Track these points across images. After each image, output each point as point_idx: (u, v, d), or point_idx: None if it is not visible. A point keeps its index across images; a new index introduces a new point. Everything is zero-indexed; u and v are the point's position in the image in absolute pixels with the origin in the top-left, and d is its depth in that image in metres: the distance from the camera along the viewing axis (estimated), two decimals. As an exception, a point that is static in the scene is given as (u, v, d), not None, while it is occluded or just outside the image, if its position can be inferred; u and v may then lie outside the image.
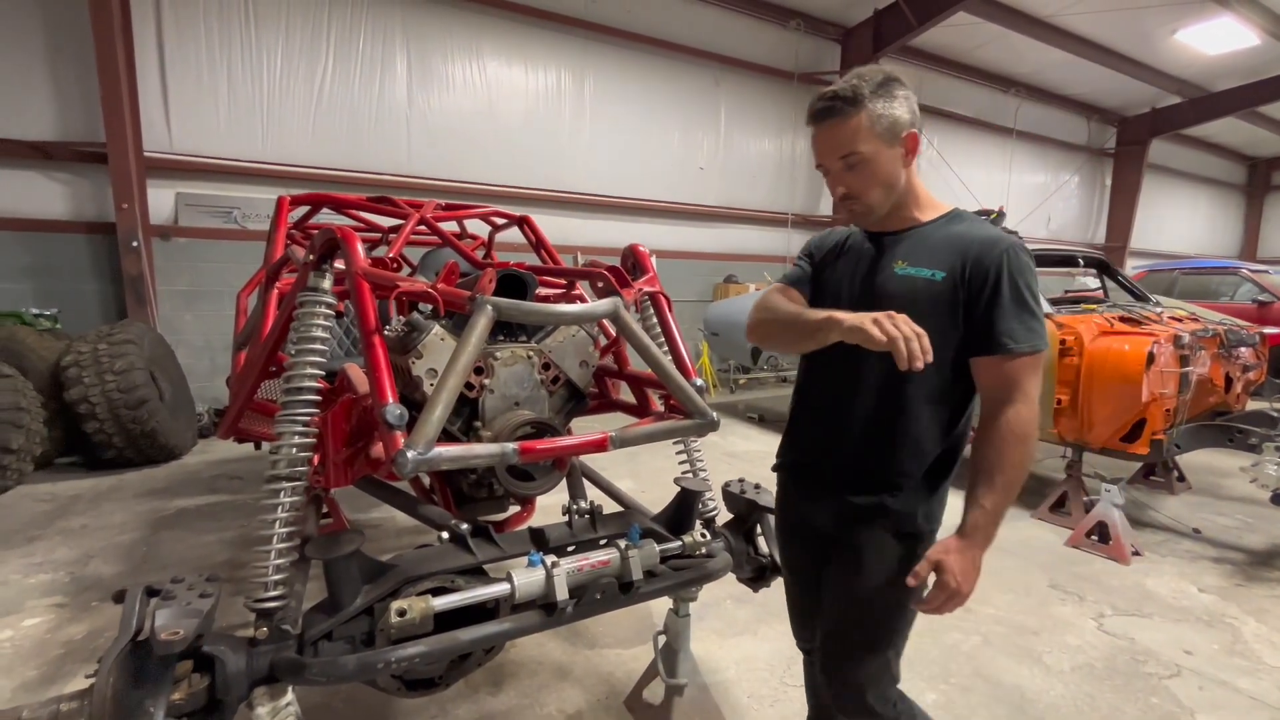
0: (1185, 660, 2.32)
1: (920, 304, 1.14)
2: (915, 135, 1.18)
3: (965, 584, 1.10)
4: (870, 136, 1.14)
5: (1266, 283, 7.31)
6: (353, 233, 1.38)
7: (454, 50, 6.79)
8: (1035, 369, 1.12)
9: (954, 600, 1.11)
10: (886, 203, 1.20)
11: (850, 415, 1.26)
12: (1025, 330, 1.10)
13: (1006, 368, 1.11)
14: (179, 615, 1.04)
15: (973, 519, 1.11)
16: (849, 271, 1.30)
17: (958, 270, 1.14)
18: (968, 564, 1.10)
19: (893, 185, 1.19)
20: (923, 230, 1.22)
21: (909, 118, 1.16)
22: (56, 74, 5.20)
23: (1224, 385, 3.67)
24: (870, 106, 1.13)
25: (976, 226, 1.20)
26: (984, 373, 1.15)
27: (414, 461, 1.10)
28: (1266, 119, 13.11)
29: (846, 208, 1.22)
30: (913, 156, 1.19)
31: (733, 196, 8.88)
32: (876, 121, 1.13)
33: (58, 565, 2.93)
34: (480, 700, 2.02)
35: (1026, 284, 1.12)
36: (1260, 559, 3.22)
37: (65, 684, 2.05)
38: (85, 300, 5.44)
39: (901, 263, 1.20)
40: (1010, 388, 1.11)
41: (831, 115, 1.15)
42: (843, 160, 1.16)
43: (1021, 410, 1.11)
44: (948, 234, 1.19)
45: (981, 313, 1.13)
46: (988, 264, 1.12)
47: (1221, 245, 16.78)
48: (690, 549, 1.58)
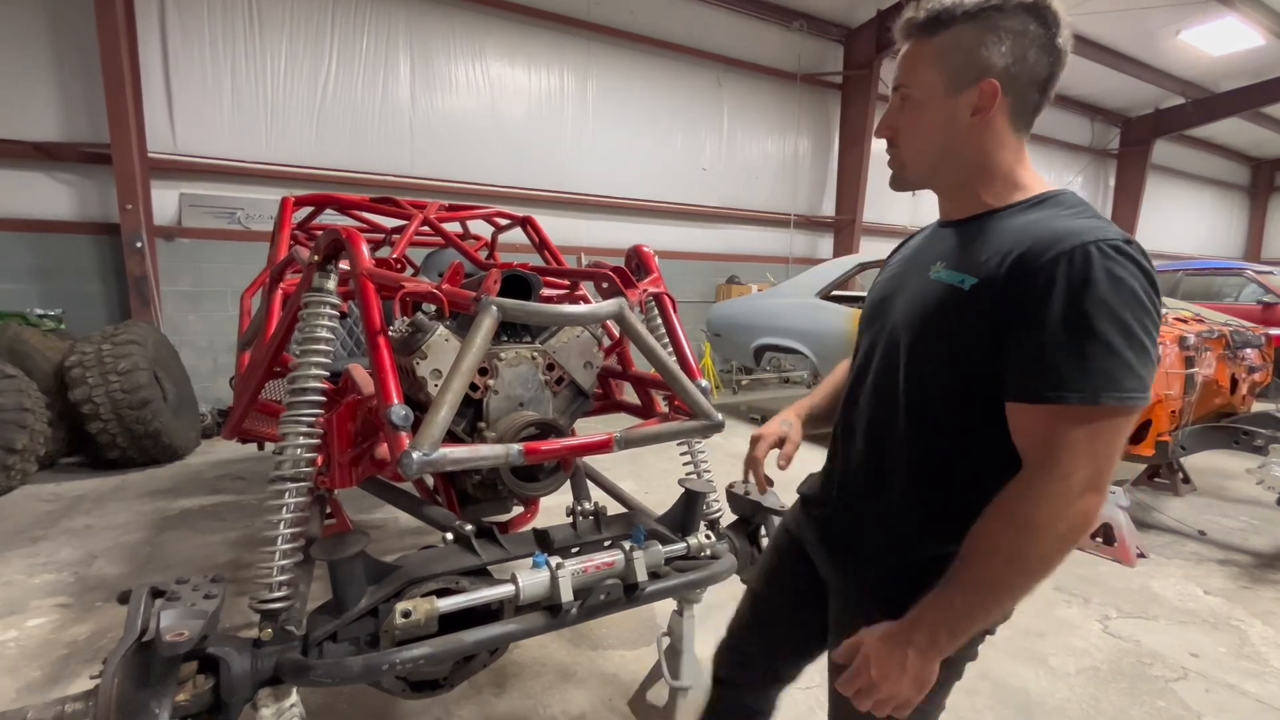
0: (1191, 663, 2.31)
1: (935, 320, 0.88)
2: (995, 84, 0.85)
3: (884, 682, 0.81)
4: (933, 73, 0.87)
5: (1271, 284, 7.28)
6: (358, 233, 1.38)
7: (457, 51, 6.80)
8: (1091, 432, 0.74)
9: (868, 696, 0.83)
10: (921, 164, 0.94)
11: (851, 443, 1.06)
12: (1080, 371, 0.73)
13: (1040, 423, 0.77)
14: (184, 616, 1.04)
15: (921, 606, 0.82)
16: (892, 275, 1.06)
17: (993, 275, 0.81)
18: (891, 658, 0.81)
19: (931, 146, 0.91)
20: (990, 219, 0.90)
21: (996, 61, 0.84)
22: (61, 75, 5.22)
23: (1229, 387, 3.65)
24: (960, 27, 0.85)
25: (1056, 217, 0.82)
26: (1014, 426, 0.81)
27: (419, 462, 1.10)
28: (1271, 120, 13.07)
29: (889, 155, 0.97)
30: (984, 115, 0.86)
31: (735, 197, 8.88)
32: (949, 54, 0.86)
33: (62, 565, 2.93)
34: (484, 701, 2.02)
35: (1102, 299, 0.73)
36: (1266, 561, 3.20)
37: (69, 684, 2.05)
38: (89, 301, 5.45)
39: (939, 264, 0.91)
40: (1037, 449, 0.77)
41: (911, 33, 0.91)
42: (899, 93, 0.93)
43: (1036, 484, 0.75)
44: (1014, 225, 0.85)
45: (1016, 340, 0.78)
46: (1034, 269, 0.77)
47: (1225, 246, 16.73)
48: (695, 550, 1.58)
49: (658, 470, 4.42)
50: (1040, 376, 0.76)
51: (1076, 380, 0.74)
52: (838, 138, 9.47)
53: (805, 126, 9.33)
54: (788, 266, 9.23)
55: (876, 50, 8.61)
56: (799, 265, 9.04)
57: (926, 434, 0.91)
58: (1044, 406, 0.76)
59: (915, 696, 0.82)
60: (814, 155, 9.53)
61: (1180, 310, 4.06)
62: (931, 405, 0.90)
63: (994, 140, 0.89)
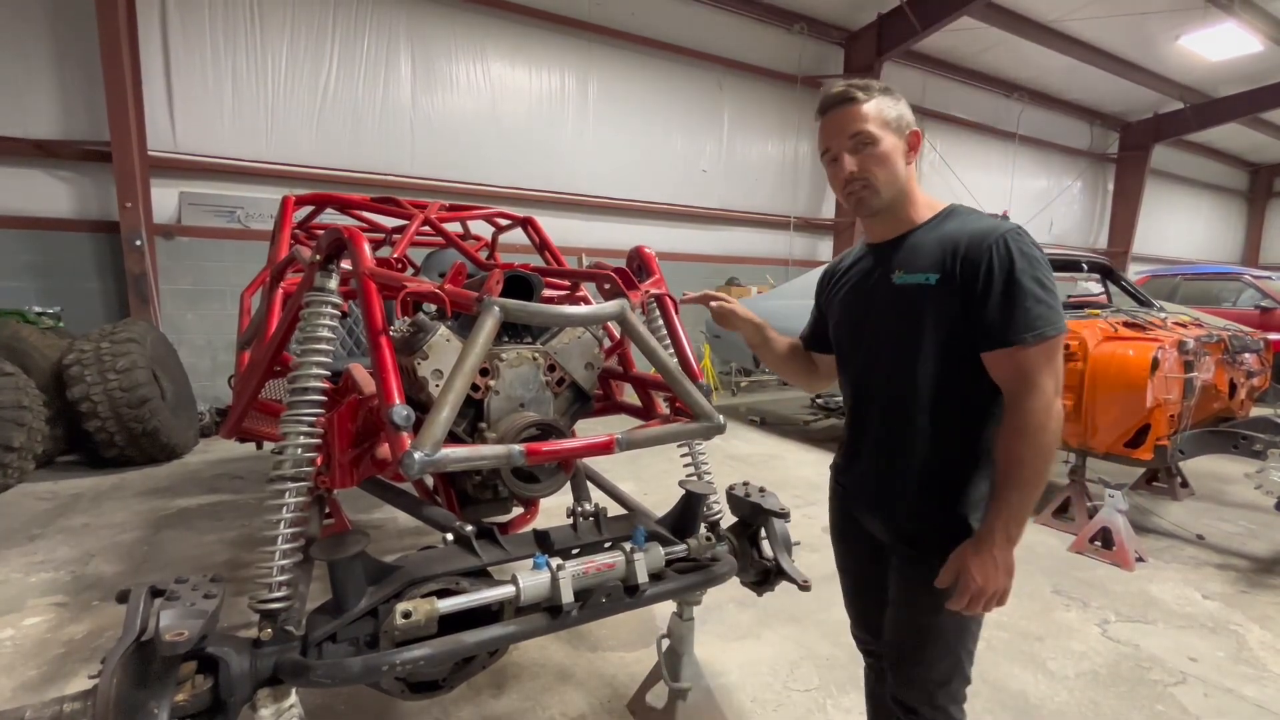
0: (1190, 667, 2.31)
1: (921, 310, 1.16)
2: (918, 133, 1.21)
3: (990, 582, 1.08)
4: (879, 122, 1.18)
5: (1269, 288, 7.30)
6: (359, 233, 1.37)
7: (458, 51, 6.81)
8: (1047, 357, 1.07)
9: (980, 598, 1.09)
10: (890, 189, 1.20)
11: (873, 426, 1.29)
12: (1026, 318, 1.07)
13: (1012, 360, 1.09)
14: (183, 616, 1.04)
15: (987, 520, 1.11)
16: (852, 290, 1.33)
17: (950, 269, 1.13)
18: (987, 562, 1.08)
19: (894, 173, 1.19)
20: (917, 234, 1.22)
21: (911, 118, 1.22)
22: (61, 73, 5.22)
23: (1228, 391, 3.65)
24: (879, 98, 1.19)
25: (970, 221, 1.17)
26: (994, 368, 1.13)
27: (421, 463, 1.09)
28: (1269, 125, 13.12)
29: (851, 191, 1.21)
30: (914, 154, 1.22)
31: (735, 199, 8.89)
32: (885, 110, 1.18)
33: (59, 564, 2.92)
34: (483, 703, 2.01)
35: (1022, 269, 1.08)
36: (1264, 566, 3.21)
37: (66, 684, 2.04)
38: (88, 299, 5.44)
39: (899, 271, 1.20)
40: (1019, 380, 1.09)
41: (844, 102, 1.19)
42: (852, 139, 1.18)
43: (1030, 402, 1.07)
44: (940, 234, 1.18)
45: (978, 308, 1.11)
46: (977, 258, 1.10)
47: (1223, 251, 16.78)
48: (695, 552, 1.57)
49: (658, 471, 4.41)
50: (1004, 328, 1.08)
51: (1026, 324, 1.07)
52: (838, 140, 9.47)
53: (805, 129, 9.34)
54: (787, 268, 9.24)
55: (877, 53, 8.63)
56: (799, 267, 9.05)
57: (941, 388, 1.19)
58: (1011, 349, 1.08)
59: (1010, 583, 1.10)
60: (814, 157, 9.53)
61: (1179, 315, 4.07)
62: (938, 367, 1.18)
63: (912, 174, 1.24)
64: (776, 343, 1.57)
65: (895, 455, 1.24)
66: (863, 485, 1.33)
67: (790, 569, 1.69)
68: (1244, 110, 11.49)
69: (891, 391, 1.23)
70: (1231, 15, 8.23)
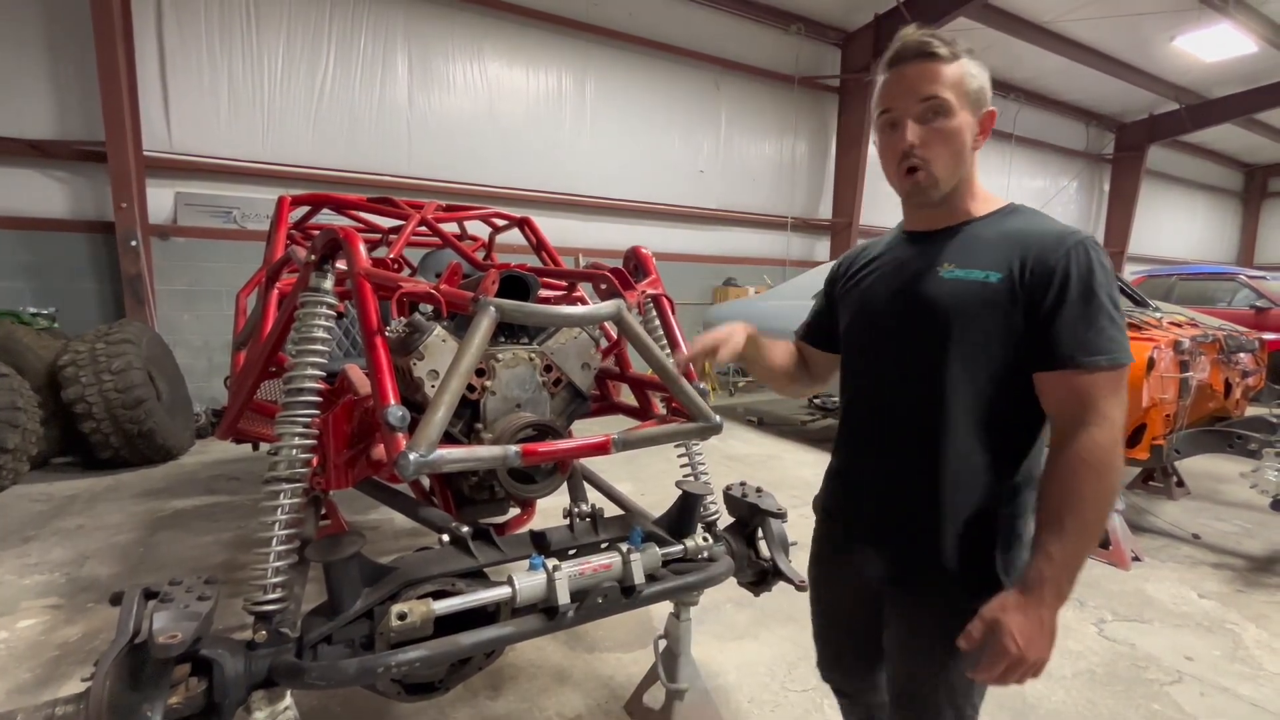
0: (1186, 666, 2.31)
1: (971, 312, 1.00)
2: (994, 114, 1.04)
3: (1031, 648, 0.90)
4: (960, 91, 0.99)
5: (1264, 289, 7.33)
6: (355, 233, 1.37)
7: (455, 51, 6.80)
8: (1114, 386, 0.93)
9: (1018, 669, 0.92)
10: (951, 177, 1.03)
11: (884, 445, 1.12)
12: (1099, 339, 0.92)
13: (1076, 384, 0.94)
14: (177, 618, 1.03)
15: (1037, 569, 0.92)
16: (886, 281, 1.13)
17: (1015, 270, 0.97)
18: (1032, 624, 0.90)
19: (961, 158, 1.02)
20: (975, 226, 1.05)
21: (989, 94, 1.04)
22: (56, 72, 5.20)
23: (1223, 391, 3.67)
24: (966, 61, 1.00)
25: (1039, 221, 1.03)
26: (1050, 391, 0.97)
27: (416, 464, 1.09)
28: (1264, 126, 13.16)
29: (906, 170, 1.03)
30: (984, 138, 1.05)
31: (733, 199, 8.89)
32: (968, 77, 1.00)
33: (53, 566, 2.91)
34: (479, 704, 2.01)
35: (1101, 283, 0.94)
36: (1260, 565, 3.22)
37: (60, 686, 2.03)
38: (83, 299, 5.42)
39: (949, 265, 1.04)
40: (1082, 408, 0.93)
41: (923, 56, 0.99)
42: (924, 104, 0.99)
43: (1096, 434, 0.92)
44: (1004, 230, 1.03)
45: (1045, 320, 0.95)
46: (1051, 262, 0.95)
47: (1219, 251, 16.84)
48: (692, 553, 1.57)
49: (655, 472, 4.41)
50: (1074, 347, 0.93)
51: (1100, 346, 0.93)
52: (835, 140, 9.49)
53: (802, 129, 9.35)
54: (785, 269, 9.25)
55: (874, 54, 8.63)
56: (796, 268, 9.06)
57: (977, 407, 1.02)
58: (1080, 371, 0.93)
59: (1050, 652, 0.93)
60: (811, 158, 9.56)
61: (1174, 315, 4.08)
62: (978, 381, 1.01)
63: (976, 160, 1.07)
64: (770, 350, 1.36)
65: (912, 482, 1.06)
66: (862, 514, 1.16)
67: (787, 569, 1.69)
68: (1239, 111, 11.52)
69: (917, 406, 1.05)
70: (1226, 16, 8.26)
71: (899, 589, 1.11)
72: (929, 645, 1.07)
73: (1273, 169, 16.69)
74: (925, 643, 1.08)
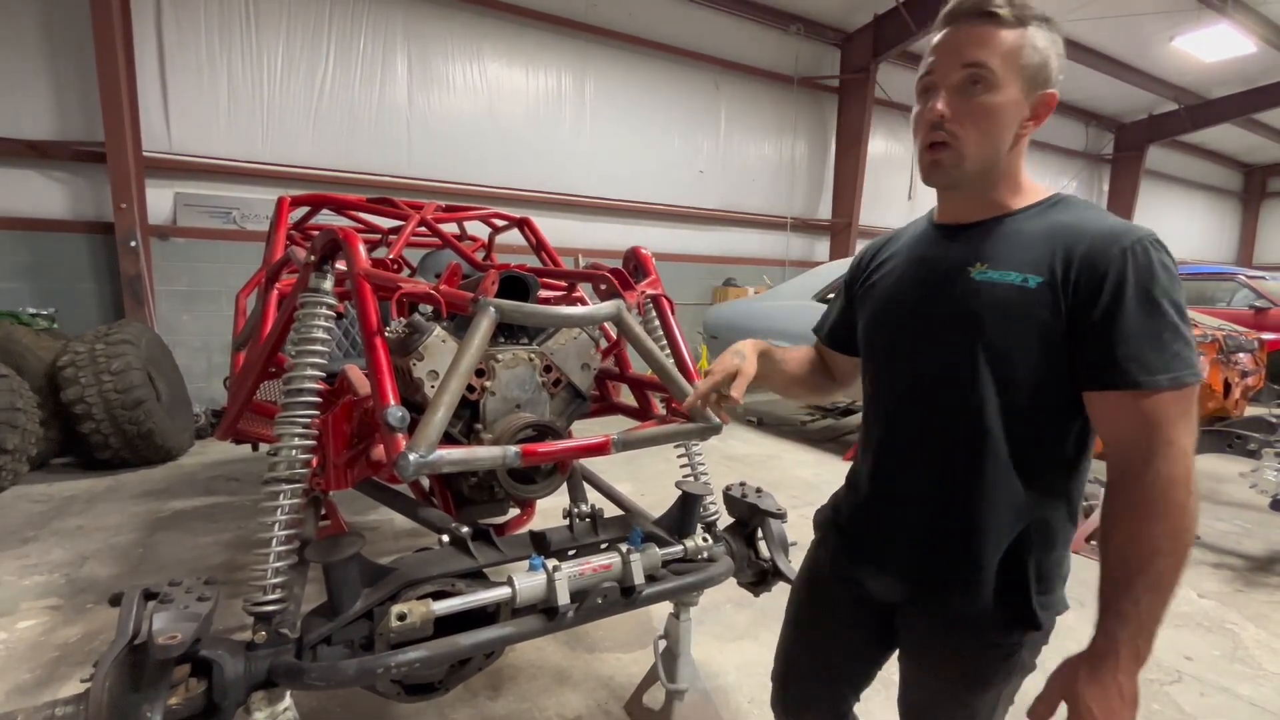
0: (1186, 666, 2.31)
1: (1004, 321, 0.87)
2: (1054, 97, 0.91)
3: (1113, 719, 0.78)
4: (1013, 64, 0.86)
5: (1263, 289, 7.34)
6: (354, 234, 1.37)
7: (455, 51, 6.80)
8: (1183, 409, 0.79)
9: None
10: (981, 160, 0.89)
11: (909, 464, 1.00)
12: (1163, 355, 0.79)
13: (1138, 407, 0.80)
14: (177, 619, 1.03)
15: (1108, 631, 0.80)
16: (909, 279, 1.01)
17: (1059, 273, 0.84)
18: (1111, 693, 0.78)
19: (997, 143, 0.89)
20: (1012, 220, 0.92)
21: (1054, 74, 0.90)
22: (55, 73, 5.19)
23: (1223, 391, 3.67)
24: (1033, 29, 0.87)
25: (1092, 215, 0.88)
26: (1105, 414, 0.83)
27: (416, 464, 1.09)
28: (1263, 126, 13.18)
29: (930, 145, 0.90)
30: (1036, 125, 0.92)
31: (732, 200, 8.89)
32: (1029, 49, 0.86)
33: (53, 567, 2.90)
34: (479, 704, 2.01)
35: (1165, 289, 0.80)
36: (1259, 565, 3.22)
37: (60, 687, 2.03)
38: (82, 300, 5.41)
39: (981, 265, 0.91)
40: (1146, 436, 0.79)
41: (979, 15, 0.86)
42: (966, 71, 0.86)
43: (1164, 468, 0.78)
44: (1047, 225, 0.89)
45: (1096, 332, 0.81)
46: (1103, 264, 0.81)
47: (1218, 251, 16.85)
48: (692, 553, 1.57)
49: (655, 472, 4.41)
50: (1135, 363, 0.79)
51: (1165, 363, 0.79)
52: (834, 141, 9.49)
53: (802, 129, 9.35)
54: (784, 269, 9.25)
55: (873, 54, 8.64)
56: (796, 268, 9.06)
57: (1013, 426, 0.90)
58: (1139, 392, 0.79)
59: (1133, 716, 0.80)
60: (811, 158, 9.56)
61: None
62: (1013, 397, 0.89)
63: (1022, 148, 0.93)
64: (785, 362, 1.24)
65: (936, 503, 0.96)
66: (876, 533, 1.05)
67: (787, 569, 1.69)
68: (1238, 111, 11.54)
69: (942, 420, 0.94)
70: (1225, 17, 8.27)
71: (920, 614, 1.01)
72: (952, 677, 0.99)
73: (1272, 169, 16.70)
74: (947, 673, 1.00)
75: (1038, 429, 0.90)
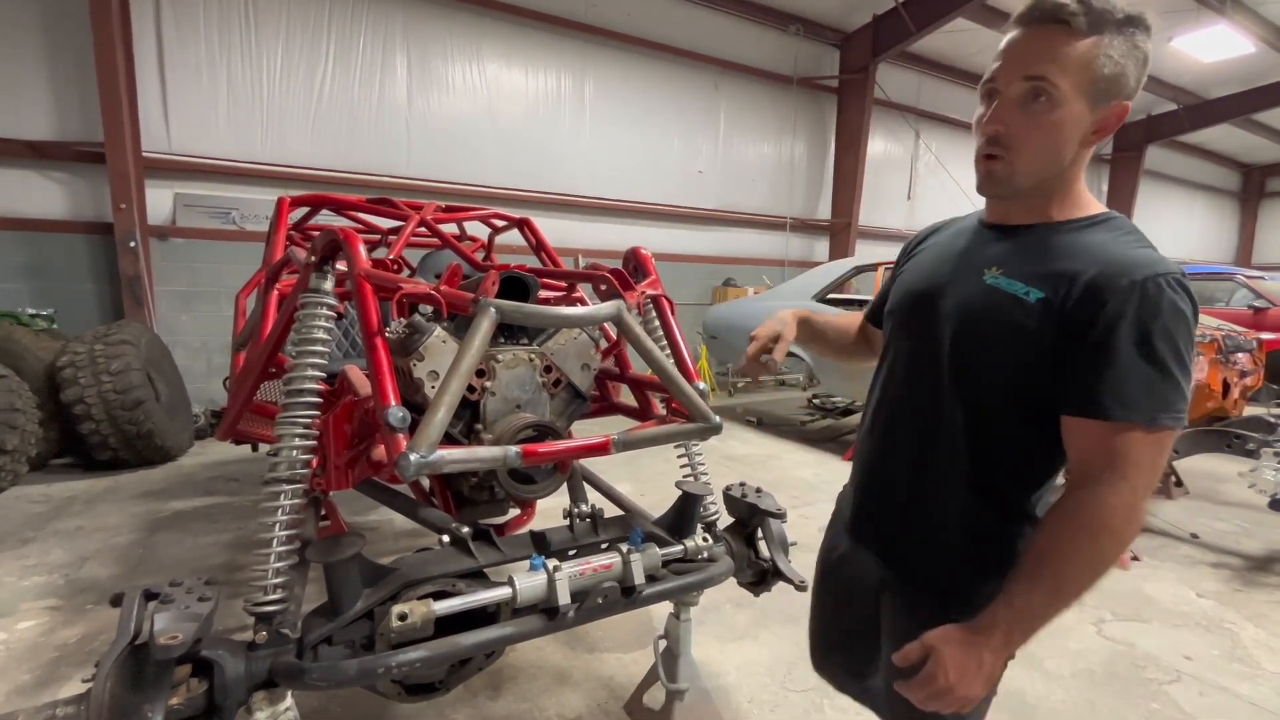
0: (1185, 666, 2.32)
1: (998, 327, 0.89)
2: (1125, 108, 0.87)
3: (961, 684, 0.84)
4: (1082, 77, 0.83)
5: (1262, 289, 7.35)
6: (355, 234, 1.38)
7: (454, 52, 6.80)
8: (1155, 450, 0.81)
9: (942, 698, 0.86)
10: (1035, 173, 0.89)
11: (903, 449, 1.04)
12: (1151, 394, 0.79)
13: (1105, 439, 0.81)
14: (178, 619, 1.03)
15: (993, 612, 0.85)
16: (935, 262, 1.04)
17: (1061, 292, 0.84)
18: (968, 660, 0.84)
19: (1055, 155, 0.88)
20: (1049, 231, 0.91)
21: (1133, 85, 0.85)
22: (54, 73, 5.19)
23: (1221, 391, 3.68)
24: (1110, 38, 0.82)
25: (1122, 243, 0.86)
26: (1075, 437, 0.85)
27: (416, 464, 1.09)
28: (1261, 126, 13.20)
29: (984, 156, 0.91)
30: (1102, 136, 0.88)
31: (731, 200, 8.90)
32: (1102, 59, 0.82)
33: (52, 567, 2.90)
34: (479, 704, 2.01)
35: (1169, 329, 0.79)
36: (1258, 564, 3.22)
37: (60, 688, 2.03)
38: (82, 300, 5.41)
39: (996, 270, 0.92)
40: (1109, 465, 0.81)
41: (1050, 20, 0.83)
42: (1027, 83, 0.85)
43: (1109, 495, 0.80)
44: (1077, 243, 0.87)
45: (1084, 359, 0.82)
46: (1106, 294, 0.80)
47: (1217, 251, 16.87)
48: (692, 553, 1.57)
49: (655, 472, 4.41)
50: (1110, 396, 0.80)
51: (1143, 403, 0.80)
52: (833, 141, 9.50)
53: (801, 130, 9.36)
54: (784, 269, 9.25)
55: (873, 54, 8.65)
56: (795, 268, 9.07)
57: (976, 429, 0.94)
58: (1110, 424, 0.81)
59: (984, 693, 0.86)
60: (810, 158, 9.56)
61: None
62: (982, 402, 0.93)
63: (1083, 159, 0.91)
64: (828, 330, 1.31)
65: (910, 486, 1.03)
66: (866, 511, 1.14)
67: (787, 569, 1.69)
68: (1236, 111, 11.56)
69: (924, 409, 1.00)
70: (1223, 17, 8.28)
71: (895, 595, 1.08)
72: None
73: (1270, 169, 16.72)
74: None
75: (1005, 435, 0.93)
